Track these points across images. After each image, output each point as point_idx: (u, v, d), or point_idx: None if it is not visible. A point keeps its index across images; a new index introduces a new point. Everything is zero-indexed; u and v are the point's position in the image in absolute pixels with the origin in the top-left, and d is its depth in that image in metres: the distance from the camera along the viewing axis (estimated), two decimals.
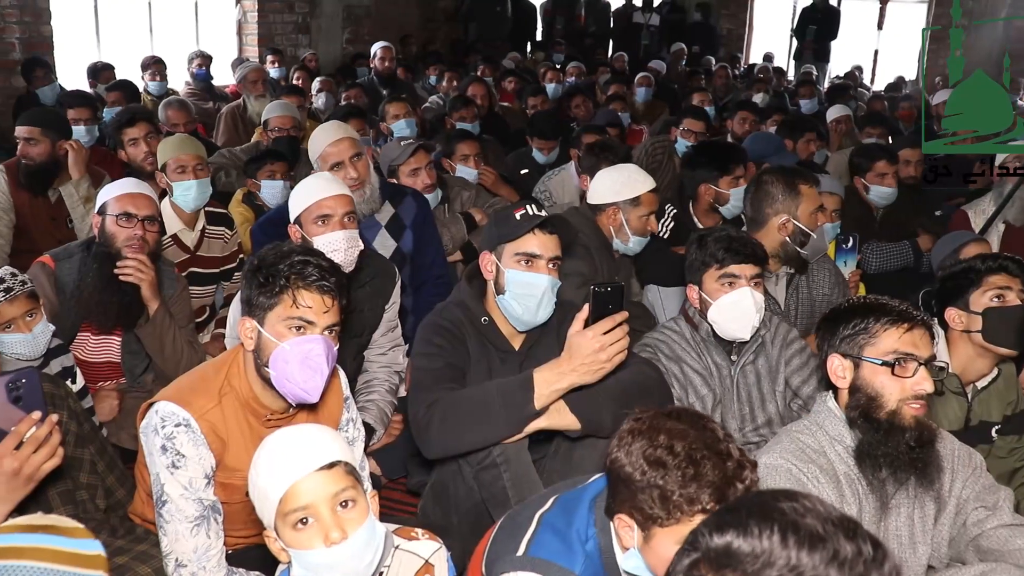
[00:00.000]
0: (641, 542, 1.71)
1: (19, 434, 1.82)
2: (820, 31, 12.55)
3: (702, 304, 2.79)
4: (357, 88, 7.34)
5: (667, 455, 1.64)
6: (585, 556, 1.81)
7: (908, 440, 1.98)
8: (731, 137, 6.19)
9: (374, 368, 3.34)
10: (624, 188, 3.58)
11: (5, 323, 2.71)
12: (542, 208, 2.54)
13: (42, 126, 4.17)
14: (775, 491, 1.14)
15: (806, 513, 1.04)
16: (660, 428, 1.69)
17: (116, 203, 3.08)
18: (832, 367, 2.10)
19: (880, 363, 2.01)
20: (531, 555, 1.83)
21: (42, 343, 2.80)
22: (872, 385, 2.02)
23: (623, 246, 3.62)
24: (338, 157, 3.48)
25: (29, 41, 7.05)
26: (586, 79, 9.35)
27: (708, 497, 1.61)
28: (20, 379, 1.86)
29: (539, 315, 2.53)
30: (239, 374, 2.15)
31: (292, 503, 1.65)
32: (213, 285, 3.94)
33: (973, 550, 2.13)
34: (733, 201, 4.07)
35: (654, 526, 1.66)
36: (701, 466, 1.62)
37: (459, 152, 4.87)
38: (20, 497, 1.84)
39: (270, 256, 2.07)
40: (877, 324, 2.03)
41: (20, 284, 2.73)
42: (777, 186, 3.38)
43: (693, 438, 1.66)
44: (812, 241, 3.38)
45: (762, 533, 1.02)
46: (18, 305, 2.72)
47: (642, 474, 1.65)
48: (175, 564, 2.05)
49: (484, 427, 2.30)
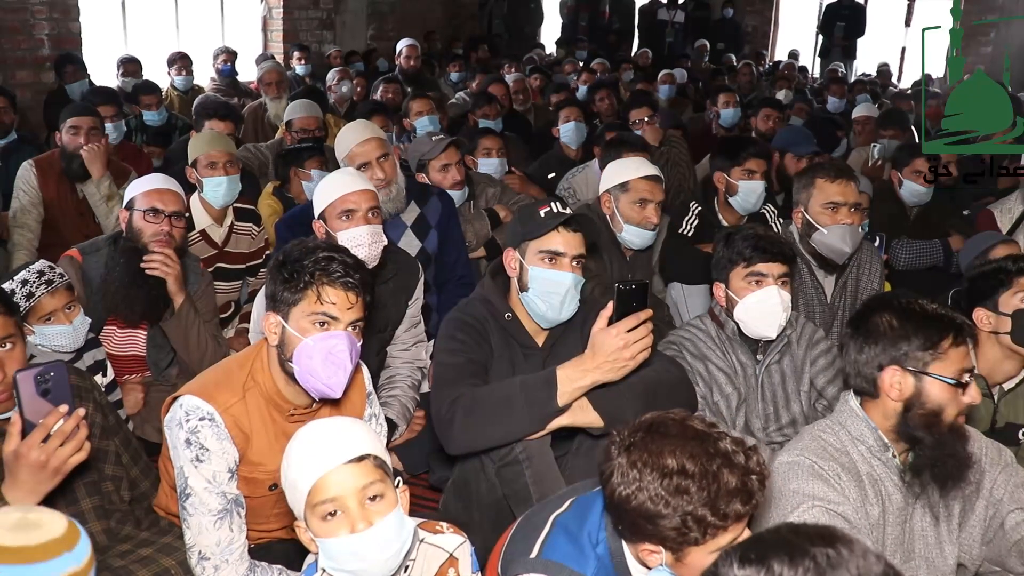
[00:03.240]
0: (672, 561, 1.68)
1: (46, 427, 1.82)
2: (847, 28, 12.44)
3: (728, 302, 2.77)
4: (395, 84, 7.24)
5: (683, 479, 1.60)
6: (596, 559, 1.80)
7: (960, 446, 1.98)
8: (755, 134, 6.15)
9: (397, 364, 3.34)
10: (614, 175, 3.56)
11: (45, 315, 2.75)
12: (566, 206, 2.53)
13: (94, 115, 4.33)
14: (811, 530, 1.05)
15: (838, 565, 0.97)
16: (660, 451, 1.63)
17: (144, 198, 3.11)
18: (888, 379, 2.01)
19: (953, 383, 1.97)
20: (544, 557, 1.82)
21: (81, 334, 2.84)
22: (936, 401, 1.98)
23: (621, 237, 3.58)
24: (365, 157, 3.48)
25: (58, 37, 7.11)
26: (610, 76, 9.32)
27: (740, 503, 1.60)
28: (48, 372, 1.85)
29: (563, 313, 2.52)
30: (263, 369, 2.16)
31: (321, 495, 1.66)
32: (239, 281, 3.97)
33: (1016, 555, 2.09)
34: (742, 193, 3.98)
35: (688, 547, 1.63)
36: (720, 476, 1.60)
37: (481, 146, 4.89)
38: (47, 489, 1.85)
39: (295, 252, 2.07)
40: (946, 342, 1.97)
41: (59, 277, 2.78)
42: (800, 176, 3.36)
43: (694, 450, 1.62)
44: (820, 236, 3.30)
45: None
46: (59, 297, 2.76)
47: (666, 505, 1.60)
48: (198, 557, 2.06)
49: (507, 423, 2.29)
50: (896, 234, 4.47)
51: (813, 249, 3.35)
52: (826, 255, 3.34)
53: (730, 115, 6.77)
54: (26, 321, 2.70)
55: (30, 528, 1.30)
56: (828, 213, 3.29)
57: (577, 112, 5.55)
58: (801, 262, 3.34)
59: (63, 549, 1.30)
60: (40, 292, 2.74)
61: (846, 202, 3.29)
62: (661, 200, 3.58)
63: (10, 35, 6.84)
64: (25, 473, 1.82)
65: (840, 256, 3.34)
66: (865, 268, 3.50)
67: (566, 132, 5.53)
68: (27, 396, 1.82)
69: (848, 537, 1.02)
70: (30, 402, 1.83)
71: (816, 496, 1.96)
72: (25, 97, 6.76)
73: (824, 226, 3.29)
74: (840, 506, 1.94)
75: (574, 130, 5.50)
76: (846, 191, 3.30)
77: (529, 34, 12.65)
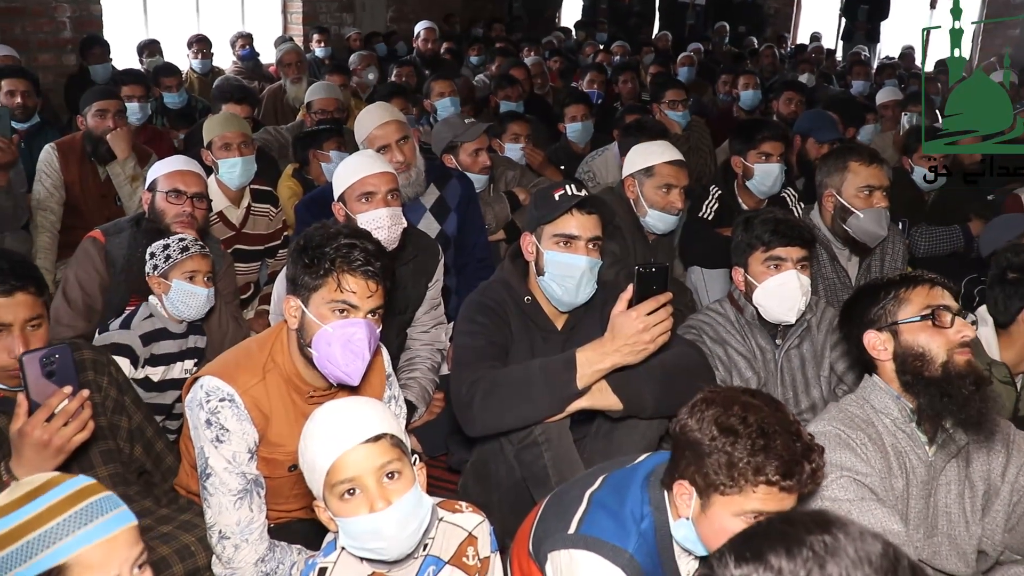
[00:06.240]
0: (698, 511, 1.72)
1: (50, 407, 1.89)
2: (871, 11, 12.30)
3: (747, 287, 2.76)
4: (408, 67, 7.25)
5: (739, 424, 1.66)
6: (639, 535, 1.82)
7: (968, 384, 1.96)
8: (777, 118, 6.10)
9: (416, 346, 3.35)
10: (639, 159, 3.54)
11: (189, 273, 2.83)
12: (582, 189, 2.53)
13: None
14: (805, 517, 1.04)
15: (836, 551, 0.96)
16: (735, 400, 1.71)
17: (166, 180, 3.13)
18: (870, 344, 2.08)
19: (919, 319, 2.02)
20: (583, 533, 1.83)
21: (205, 309, 2.91)
22: (917, 344, 2.02)
23: (644, 221, 3.57)
24: (385, 140, 3.47)
25: (79, 20, 7.13)
26: (630, 58, 9.26)
27: (774, 470, 1.62)
28: (54, 354, 1.92)
29: (579, 296, 2.52)
30: (283, 351, 2.17)
31: (339, 475, 1.67)
32: (257, 262, 3.98)
33: None
34: (758, 176, 3.96)
35: (715, 493, 1.68)
36: (772, 439, 1.64)
37: (510, 131, 4.89)
38: (51, 467, 1.89)
39: (316, 237, 2.07)
40: (902, 289, 2.06)
41: (203, 248, 2.91)
42: (829, 159, 3.33)
43: (767, 414, 1.68)
44: (855, 220, 3.27)
45: (782, 571, 0.95)
46: (206, 263, 2.88)
47: (711, 439, 1.67)
48: (218, 536, 2.08)
49: (526, 406, 2.30)
50: (914, 220, 4.43)
51: (845, 232, 3.32)
52: (860, 239, 3.31)
53: (750, 97, 6.71)
54: (165, 277, 2.81)
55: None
56: (863, 197, 3.26)
57: (584, 110, 5.49)
58: (820, 247, 3.32)
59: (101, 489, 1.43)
60: (195, 249, 2.85)
61: (880, 185, 3.28)
62: (686, 185, 3.57)
63: (32, 18, 6.86)
64: (29, 451, 1.89)
65: (875, 240, 3.32)
66: (889, 249, 3.47)
67: (573, 131, 5.48)
68: (33, 377, 1.90)
69: (842, 520, 1.01)
70: (35, 383, 1.90)
71: (844, 466, 1.96)
72: (47, 80, 6.80)
73: (859, 210, 3.26)
74: (868, 477, 1.95)
75: (581, 130, 5.47)
76: (879, 175, 3.30)
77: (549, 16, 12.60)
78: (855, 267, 3.42)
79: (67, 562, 1.33)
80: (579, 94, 5.94)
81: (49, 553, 1.33)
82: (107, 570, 1.36)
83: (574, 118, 5.46)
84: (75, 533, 1.34)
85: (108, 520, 1.38)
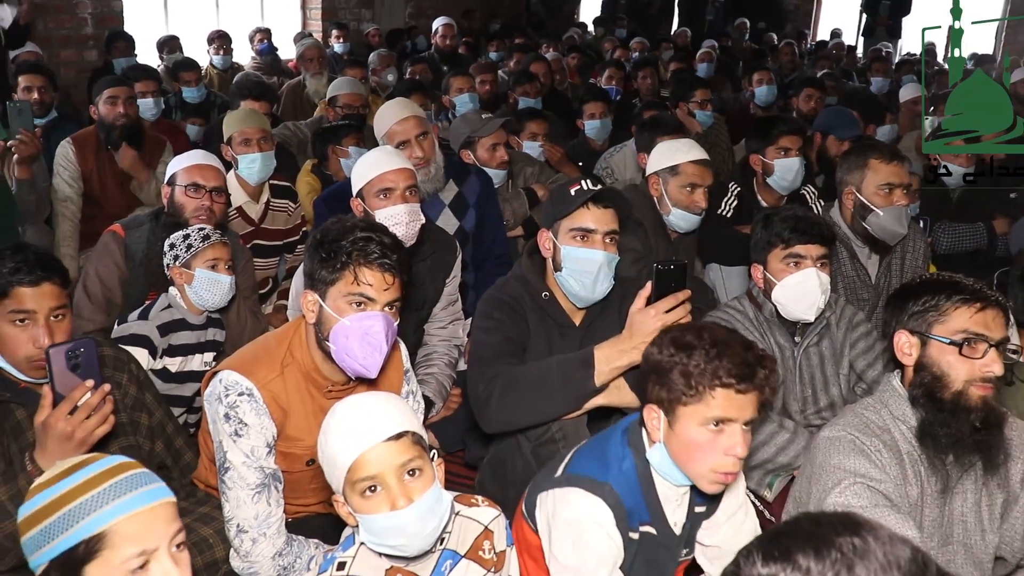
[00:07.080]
0: (667, 431, 1.81)
1: (73, 400, 1.93)
2: (892, 6, 12.19)
3: (766, 284, 2.74)
4: (423, 63, 7.27)
5: (695, 339, 1.78)
6: (620, 473, 1.89)
7: (973, 421, 1.92)
8: (796, 115, 6.06)
9: (434, 341, 3.35)
10: (663, 157, 3.52)
11: (212, 261, 2.86)
12: (599, 184, 2.51)
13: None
14: (834, 519, 1.02)
15: (865, 554, 0.94)
16: (692, 326, 1.90)
17: (185, 174, 3.15)
18: (899, 343, 2.04)
19: (948, 342, 1.95)
20: (567, 473, 1.93)
21: (228, 297, 2.93)
22: (939, 364, 1.96)
23: (667, 219, 3.54)
24: (404, 136, 3.47)
25: (101, 16, 7.18)
26: (649, 54, 9.23)
27: (727, 372, 1.72)
28: (79, 348, 1.96)
29: (596, 291, 2.51)
30: (301, 345, 2.18)
31: (360, 472, 1.67)
32: (276, 257, 4.00)
33: None
34: (778, 171, 3.93)
35: (678, 406, 1.78)
36: (726, 347, 1.75)
37: (528, 129, 4.89)
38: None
39: (333, 231, 2.08)
40: (948, 302, 1.97)
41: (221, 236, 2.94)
42: (850, 156, 3.31)
43: (721, 331, 1.82)
44: (875, 218, 3.25)
45: (810, 571, 0.94)
46: (226, 251, 2.91)
47: (669, 356, 1.78)
48: (236, 530, 2.09)
49: (543, 403, 2.30)
50: (938, 217, 4.39)
51: (865, 230, 3.30)
52: (880, 237, 3.29)
53: (765, 93, 6.67)
54: (188, 266, 2.83)
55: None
56: (883, 194, 3.24)
57: (603, 108, 5.48)
58: (840, 244, 3.29)
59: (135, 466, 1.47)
60: (215, 237, 2.88)
61: (901, 183, 3.25)
62: (710, 184, 3.54)
63: (54, 14, 6.92)
64: (53, 443, 1.92)
65: (894, 238, 3.30)
66: (910, 248, 3.44)
67: (591, 128, 5.47)
68: (58, 370, 1.93)
69: (872, 523, 0.99)
70: (60, 375, 1.94)
71: (858, 472, 1.94)
72: (68, 75, 6.86)
73: (879, 207, 3.24)
74: (882, 484, 1.92)
75: (600, 127, 5.45)
76: (900, 172, 3.26)
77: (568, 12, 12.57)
78: (875, 265, 3.40)
79: (105, 530, 1.36)
80: (598, 91, 5.93)
81: (88, 522, 1.35)
82: (146, 542, 1.38)
83: (592, 115, 5.44)
84: (113, 502, 1.37)
85: (146, 491, 1.41)
